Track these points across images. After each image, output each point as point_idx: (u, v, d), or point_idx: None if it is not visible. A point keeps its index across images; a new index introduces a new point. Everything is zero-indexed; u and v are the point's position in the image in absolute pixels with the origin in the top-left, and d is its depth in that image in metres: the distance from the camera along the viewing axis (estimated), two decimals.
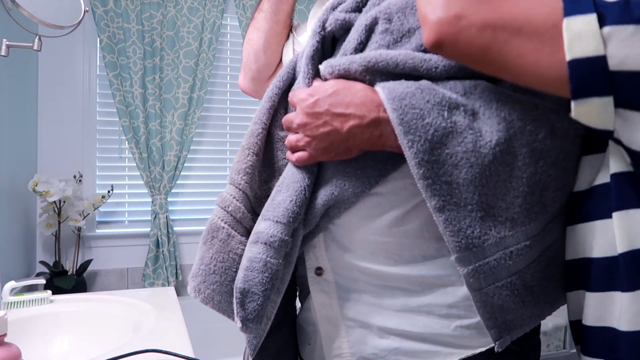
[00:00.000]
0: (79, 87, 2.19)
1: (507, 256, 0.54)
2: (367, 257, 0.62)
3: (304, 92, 0.59)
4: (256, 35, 0.80)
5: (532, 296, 0.56)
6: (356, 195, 0.59)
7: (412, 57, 0.55)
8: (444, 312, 0.60)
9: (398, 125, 0.52)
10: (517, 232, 0.54)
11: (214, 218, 0.63)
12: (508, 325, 0.56)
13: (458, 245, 0.53)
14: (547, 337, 2.18)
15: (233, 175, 0.64)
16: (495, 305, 0.55)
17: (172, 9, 2.22)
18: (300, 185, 0.59)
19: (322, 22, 0.62)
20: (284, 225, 0.58)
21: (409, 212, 0.60)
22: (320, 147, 0.58)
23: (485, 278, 0.54)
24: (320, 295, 0.65)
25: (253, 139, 0.63)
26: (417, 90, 0.53)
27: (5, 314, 0.68)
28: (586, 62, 0.43)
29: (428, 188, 0.52)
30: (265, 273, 0.57)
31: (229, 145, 2.47)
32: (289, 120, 0.61)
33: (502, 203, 0.53)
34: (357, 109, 0.55)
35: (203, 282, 0.62)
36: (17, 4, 0.93)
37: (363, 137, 0.56)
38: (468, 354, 0.60)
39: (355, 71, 0.57)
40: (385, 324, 0.62)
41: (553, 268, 0.58)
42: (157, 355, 0.77)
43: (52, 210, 1.95)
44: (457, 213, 0.52)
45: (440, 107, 0.52)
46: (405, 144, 0.51)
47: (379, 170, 0.58)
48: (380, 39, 0.58)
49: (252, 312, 0.58)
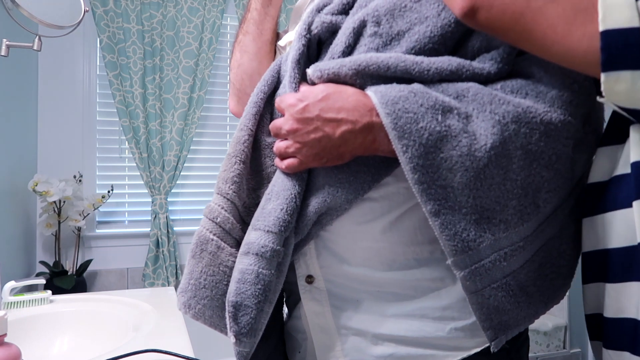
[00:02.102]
0: (79, 87, 2.19)
1: (502, 257, 0.53)
2: (360, 264, 0.61)
3: (292, 98, 0.57)
4: (247, 58, 0.78)
5: (527, 296, 0.56)
6: (349, 201, 0.58)
7: (404, 60, 0.54)
8: (438, 315, 0.59)
9: (392, 130, 0.51)
10: (510, 233, 0.54)
11: (202, 230, 0.61)
12: (503, 325, 0.56)
13: (454, 249, 0.52)
14: (547, 337, 2.17)
15: (220, 184, 0.61)
16: (491, 306, 0.55)
17: (172, 9, 2.22)
18: (291, 192, 0.57)
19: (307, 24, 0.60)
20: (275, 234, 0.56)
21: (402, 216, 0.59)
22: (311, 154, 0.56)
23: (481, 280, 0.53)
24: (312, 304, 0.64)
25: (240, 147, 0.61)
26: (410, 94, 0.52)
27: (5, 314, 0.68)
28: (620, 33, 0.41)
29: (423, 193, 0.51)
30: (258, 285, 0.56)
31: (228, 146, 2.47)
32: (277, 126, 0.58)
33: (497, 205, 0.53)
34: (349, 113, 0.54)
35: (193, 297, 0.60)
36: (17, 4, 0.93)
37: (356, 142, 0.54)
38: (464, 356, 0.59)
39: (345, 75, 0.55)
40: (379, 330, 0.61)
41: (546, 268, 0.58)
42: (157, 355, 0.77)
43: (52, 210, 1.95)
44: (452, 217, 0.52)
45: (434, 111, 0.51)
46: (400, 148, 0.51)
47: (372, 176, 0.57)
48: (369, 42, 0.57)
49: (246, 326, 0.56)
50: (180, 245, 2.32)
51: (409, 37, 0.55)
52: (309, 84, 0.59)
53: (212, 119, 2.42)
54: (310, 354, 0.67)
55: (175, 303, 1.11)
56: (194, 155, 2.38)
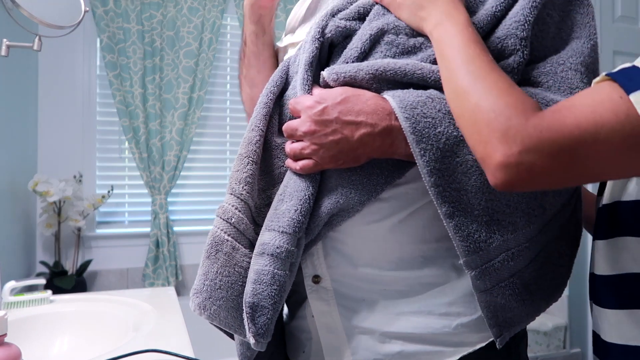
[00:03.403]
0: (78, 87, 2.19)
1: (509, 257, 0.55)
2: (368, 263, 0.62)
3: (310, 99, 0.57)
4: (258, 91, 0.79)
5: (530, 294, 0.58)
6: (362, 203, 0.58)
7: (421, 67, 0.55)
8: (444, 311, 0.60)
9: (410, 133, 0.52)
10: (518, 234, 0.56)
11: (217, 231, 0.60)
12: (508, 322, 0.58)
13: (467, 250, 0.54)
14: (547, 337, 2.17)
15: (233, 185, 0.61)
16: (498, 304, 0.57)
17: (172, 9, 2.22)
18: (305, 194, 0.57)
19: (321, 28, 0.60)
20: (289, 235, 0.56)
21: (411, 216, 0.60)
22: (327, 156, 0.56)
23: (490, 279, 0.55)
24: (319, 304, 0.64)
25: (251, 147, 0.61)
26: (428, 100, 0.53)
27: (5, 314, 0.68)
28: None
29: (439, 195, 0.53)
30: (274, 286, 0.56)
31: (229, 145, 2.47)
32: (292, 127, 0.58)
33: (507, 208, 0.55)
34: (368, 117, 0.55)
35: (208, 298, 0.59)
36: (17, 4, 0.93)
37: (374, 145, 0.55)
38: (469, 351, 0.60)
39: (362, 79, 0.56)
40: (387, 329, 0.61)
41: (547, 267, 0.60)
42: (157, 355, 0.77)
43: (52, 210, 1.95)
44: (465, 218, 0.53)
45: (451, 117, 0.52)
46: (418, 152, 0.52)
47: (385, 178, 0.58)
48: (385, 49, 0.58)
49: (263, 327, 0.56)
50: (180, 245, 2.32)
51: (425, 49, 0.57)
52: (321, 86, 0.60)
53: (212, 119, 2.42)
54: (315, 353, 0.67)
55: (175, 303, 1.11)
56: (194, 155, 2.38)
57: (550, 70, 0.56)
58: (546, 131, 0.43)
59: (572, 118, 0.42)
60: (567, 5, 0.59)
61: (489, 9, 0.56)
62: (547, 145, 0.42)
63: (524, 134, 0.43)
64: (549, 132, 0.43)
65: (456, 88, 0.49)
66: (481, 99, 0.46)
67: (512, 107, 0.45)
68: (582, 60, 0.57)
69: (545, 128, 0.43)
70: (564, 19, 0.58)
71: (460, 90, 0.49)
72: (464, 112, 0.48)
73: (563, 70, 0.56)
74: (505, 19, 0.56)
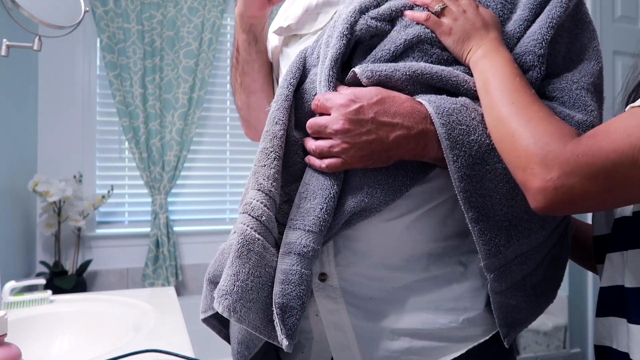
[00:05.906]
0: (78, 87, 2.19)
1: (522, 260, 0.58)
2: (379, 260, 0.62)
3: (342, 97, 0.56)
4: (255, 98, 0.79)
5: (535, 295, 0.61)
6: (386, 203, 0.58)
7: (456, 75, 0.57)
8: (451, 306, 0.62)
9: (445, 139, 0.53)
10: (531, 239, 0.58)
11: (246, 229, 0.56)
12: (515, 322, 0.61)
13: (488, 253, 0.56)
14: (547, 337, 2.17)
15: (260, 180, 0.57)
16: (510, 305, 0.59)
17: (172, 9, 2.22)
18: (330, 192, 0.56)
19: (350, 24, 0.58)
20: (315, 234, 0.55)
21: (426, 213, 0.61)
22: (358, 155, 0.56)
23: (505, 281, 0.58)
24: (326, 302, 0.63)
25: (277, 141, 0.58)
26: (463, 108, 0.55)
27: (5, 314, 0.68)
28: None
29: (467, 200, 0.54)
30: (302, 285, 0.55)
31: (229, 145, 2.47)
32: (321, 124, 0.56)
33: (525, 214, 0.57)
34: (404, 119, 0.55)
35: (239, 300, 0.55)
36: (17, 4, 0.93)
37: (407, 147, 0.56)
38: (474, 345, 0.62)
39: (398, 79, 0.56)
40: (396, 325, 0.62)
41: (549, 270, 0.64)
42: (157, 355, 0.77)
43: (52, 210, 1.95)
44: (487, 224, 0.55)
45: (484, 125, 0.54)
46: (451, 158, 0.53)
47: (410, 179, 0.58)
48: (418, 56, 0.58)
49: (292, 327, 0.55)
50: (180, 245, 2.32)
51: (459, 65, 0.59)
52: (346, 83, 0.59)
53: (212, 119, 2.43)
54: (314, 353, 0.67)
55: (175, 303, 1.11)
56: (194, 155, 2.38)
57: (566, 87, 0.59)
58: (583, 156, 0.44)
59: (609, 142, 0.44)
60: (574, 29, 0.62)
61: (512, 30, 0.60)
62: (585, 169, 0.44)
63: (562, 159, 0.45)
64: (585, 156, 0.44)
65: (499, 115, 0.52)
66: (521, 125, 0.49)
67: (550, 134, 0.46)
68: (593, 81, 0.60)
69: (582, 152, 0.44)
70: (572, 40, 0.62)
71: (502, 118, 0.51)
72: (504, 138, 0.50)
73: (577, 88, 0.59)
74: (524, 37, 0.59)
